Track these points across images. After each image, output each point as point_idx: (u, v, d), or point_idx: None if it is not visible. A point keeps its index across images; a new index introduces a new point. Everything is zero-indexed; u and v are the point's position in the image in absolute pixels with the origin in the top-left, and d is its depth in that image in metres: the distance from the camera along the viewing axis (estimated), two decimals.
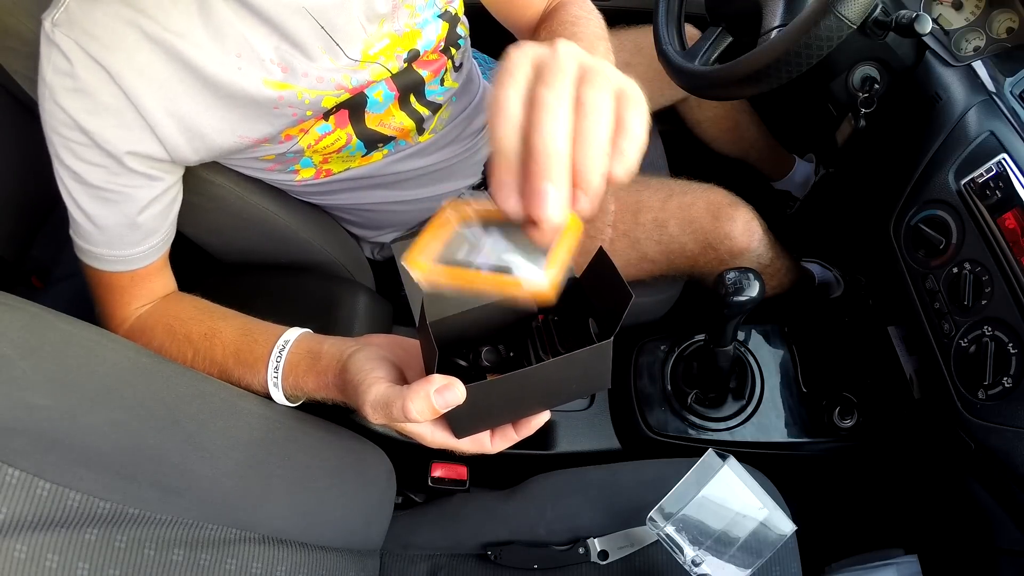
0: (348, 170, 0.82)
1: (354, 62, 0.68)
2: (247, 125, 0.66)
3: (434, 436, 0.51)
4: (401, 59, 0.72)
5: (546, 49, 0.36)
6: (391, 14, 0.69)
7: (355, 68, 0.69)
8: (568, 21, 0.76)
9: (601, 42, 0.73)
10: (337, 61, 0.67)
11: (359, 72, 0.69)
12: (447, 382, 0.44)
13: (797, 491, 0.88)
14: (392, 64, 0.72)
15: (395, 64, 0.72)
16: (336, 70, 0.67)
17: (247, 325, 0.66)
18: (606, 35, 0.77)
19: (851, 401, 0.98)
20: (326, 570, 0.68)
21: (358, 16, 0.66)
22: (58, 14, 0.57)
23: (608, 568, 0.79)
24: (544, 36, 0.76)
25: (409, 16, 0.71)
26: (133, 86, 0.59)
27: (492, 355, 0.52)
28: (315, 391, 0.60)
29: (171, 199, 0.69)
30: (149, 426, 0.52)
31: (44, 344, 0.46)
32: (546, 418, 0.52)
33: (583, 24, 0.75)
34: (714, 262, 1.00)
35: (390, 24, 0.70)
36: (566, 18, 0.76)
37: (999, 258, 0.69)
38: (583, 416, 1.04)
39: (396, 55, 0.71)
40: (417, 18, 0.72)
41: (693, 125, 1.36)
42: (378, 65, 0.70)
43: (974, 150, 0.75)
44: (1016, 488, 0.72)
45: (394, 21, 0.70)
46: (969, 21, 0.83)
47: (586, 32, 0.73)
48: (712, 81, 0.86)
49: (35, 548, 0.43)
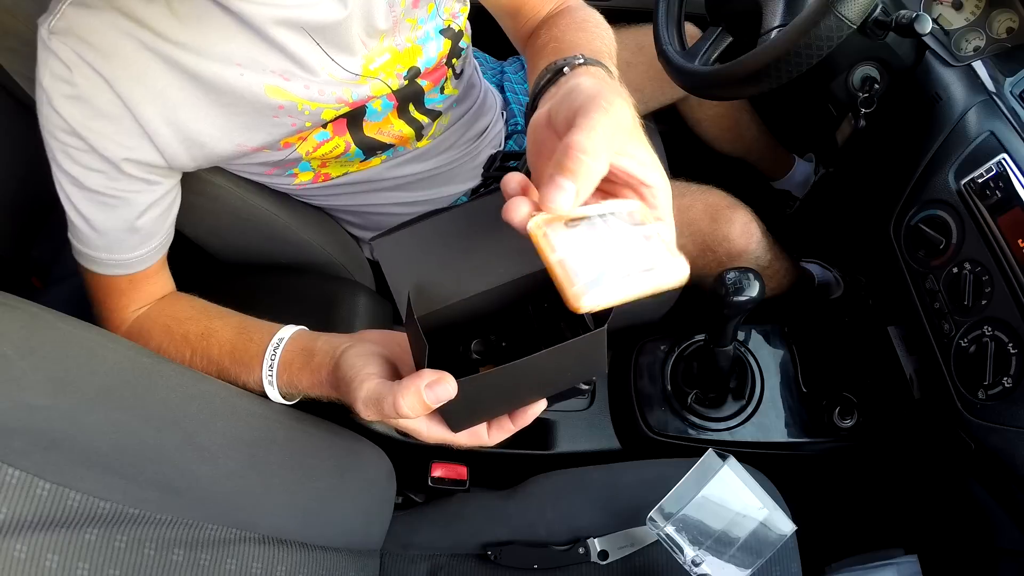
0: (346, 174, 0.82)
1: (355, 76, 0.68)
2: (246, 133, 0.66)
3: (430, 431, 0.51)
4: (402, 77, 0.72)
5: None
6: (392, 29, 0.69)
7: (356, 83, 0.68)
8: (591, 22, 0.69)
9: (610, 60, 0.63)
10: (337, 76, 0.67)
11: (360, 87, 0.69)
12: (437, 377, 0.43)
13: (797, 491, 0.88)
14: (393, 81, 0.71)
15: (396, 82, 0.72)
16: (337, 84, 0.67)
17: (243, 324, 0.66)
18: (614, 49, 0.67)
19: (851, 401, 0.98)
20: (326, 570, 0.68)
21: (358, 33, 0.66)
22: (55, 21, 0.57)
23: (608, 568, 0.79)
24: (567, 24, 0.68)
25: (411, 30, 0.70)
26: (131, 94, 0.59)
27: (484, 346, 0.51)
28: (310, 388, 0.59)
29: (169, 203, 0.69)
30: (149, 426, 0.52)
31: (44, 344, 0.46)
32: (543, 407, 0.52)
33: (593, 28, 0.67)
34: (713, 264, 1.00)
35: (391, 39, 0.69)
36: (580, 22, 0.69)
37: (999, 258, 0.69)
38: (583, 416, 1.04)
39: (397, 73, 0.71)
40: (419, 31, 0.71)
41: (693, 124, 1.36)
42: (379, 81, 0.70)
43: (974, 150, 0.75)
44: (1016, 488, 0.72)
45: (395, 35, 0.69)
46: (969, 21, 0.83)
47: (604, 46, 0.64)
48: (712, 81, 0.86)
49: (35, 548, 0.43)
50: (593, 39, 0.64)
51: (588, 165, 0.39)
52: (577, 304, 0.36)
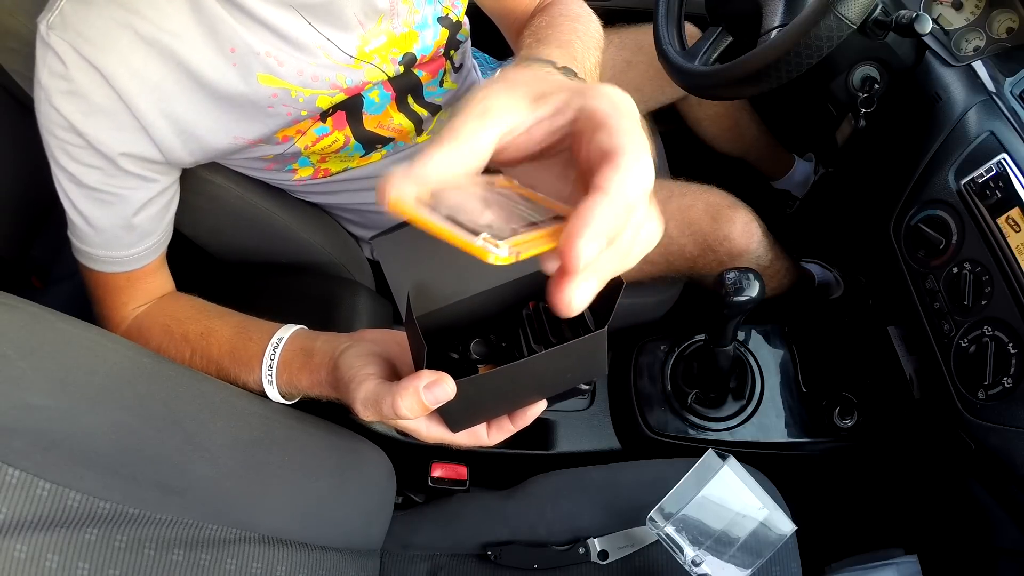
0: (347, 170, 0.82)
1: (349, 58, 0.68)
2: (242, 126, 0.66)
3: (429, 431, 0.50)
4: (396, 62, 0.72)
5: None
6: (389, 11, 0.69)
7: (350, 67, 0.68)
8: (571, 16, 0.72)
9: (596, 52, 0.68)
10: (332, 58, 0.67)
11: (354, 72, 0.69)
12: (436, 377, 0.43)
13: (797, 491, 0.88)
14: (388, 67, 0.71)
15: (391, 68, 0.72)
16: (331, 68, 0.67)
17: (242, 323, 0.66)
18: (601, 43, 0.72)
19: (851, 401, 0.98)
20: (326, 570, 0.68)
21: (355, 12, 0.66)
22: (52, 17, 0.57)
23: (608, 568, 0.79)
24: (545, 21, 0.71)
25: (408, 13, 0.70)
26: (127, 88, 0.59)
27: (482, 347, 0.51)
28: (309, 388, 0.59)
29: (167, 201, 0.69)
30: (149, 426, 0.52)
31: (44, 344, 0.46)
32: (543, 408, 0.51)
33: (584, 23, 0.72)
34: (713, 264, 1.00)
35: (388, 22, 0.69)
36: (568, 12, 0.72)
37: (999, 258, 0.69)
38: (583, 416, 1.04)
39: (392, 58, 0.71)
40: (416, 15, 0.71)
41: (693, 124, 1.36)
42: (373, 67, 0.70)
43: (974, 150, 0.75)
44: (1016, 488, 0.72)
45: (392, 18, 0.70)
46: (969, 21, 0.83)
47: (586, 35, 0.69)
48: (712, 81, 0.86)
49: (35, 548, 0.43)
50: (565, 32, 0.66)
51: (455, 124, 0.33)
52: (489, 256, 0.30)
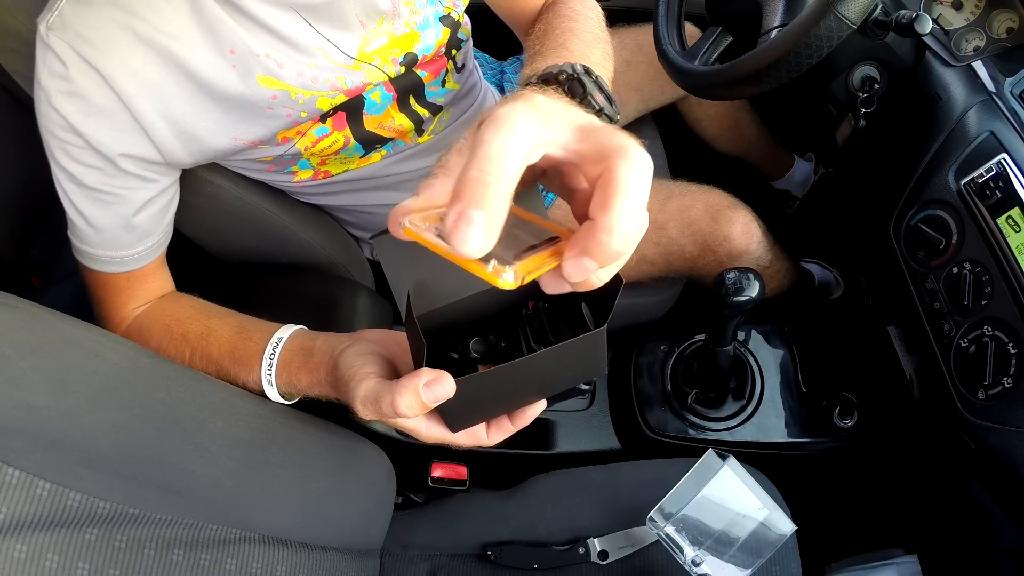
0: (347, 172, 0.82)
1: (350, 59, 0.68)
2: (241, 127, 0.66)
3: (428, 431, 0.50)
4: (398, 63, 0.72)
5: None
6: (391, 12, 0.69)
7: (351, 68, 0.68)
8: (567, 15, 0.72)
9: (600, 45, 0.69)
10: (332, 59, 0.67)
11: (355, 73, 0.69)
12: (436, 376, 0.43)
13: (797, 491, 0.88)
14: (389, 68, 0.71)
15: (392, 68, 0.72)
16: (331, 69, 0.67)
17: (242, 323, 0.66)
18: (606, 36, 0.73)
19: (851, 401, 0.98)
20: (326, 570, 0.68)
21: (356, 13, 0.66)
22: (52, 18, 0.57)
23: (608, 568, 0.79)
24: (541, 29, 0.72)
25: (410, 14, 0.70)
26: (126, 89, 0.59)
27: (482, 346, 0.51)
28: (309, 388, 0.59)
29: (167, 201, 0.69)
30: (149, 426, 0.52)
31: (44, 344, 0.46)
32: (542, 407, 0.51)
33: (582, 21, 0.72)
34: (713, 264, 1.00)
35: (389, 23, 0.69)
36: (566, 12, 0.73)
37: (999, 258, 0.69)
38: (583, 416, 1.04)
39: (393, 58, 0.71)
40: (418, 16, 0.71)
41: (693, 124, 1.36)
42: (374, 68, 0.70)
43: (974, 150, 0.75)
44: (1016, 488, 0.72)
45: (394, 19, 0.70)
46: (969, 21, 0.83)
47: (584, 31, 0.70)
48: (712, 81, 0.86)
49: (35, 548, 0.43)
50: (562, 34, 0.67)
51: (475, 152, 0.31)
52: (499, 281, 0.31)
